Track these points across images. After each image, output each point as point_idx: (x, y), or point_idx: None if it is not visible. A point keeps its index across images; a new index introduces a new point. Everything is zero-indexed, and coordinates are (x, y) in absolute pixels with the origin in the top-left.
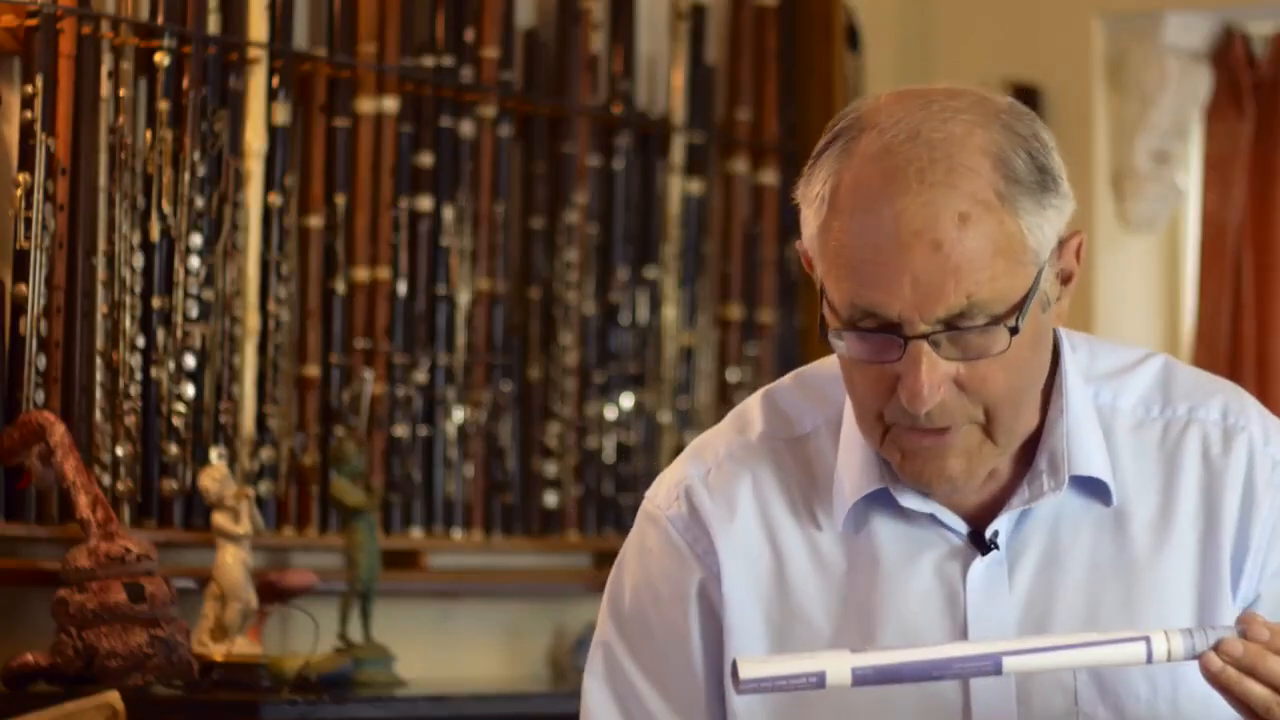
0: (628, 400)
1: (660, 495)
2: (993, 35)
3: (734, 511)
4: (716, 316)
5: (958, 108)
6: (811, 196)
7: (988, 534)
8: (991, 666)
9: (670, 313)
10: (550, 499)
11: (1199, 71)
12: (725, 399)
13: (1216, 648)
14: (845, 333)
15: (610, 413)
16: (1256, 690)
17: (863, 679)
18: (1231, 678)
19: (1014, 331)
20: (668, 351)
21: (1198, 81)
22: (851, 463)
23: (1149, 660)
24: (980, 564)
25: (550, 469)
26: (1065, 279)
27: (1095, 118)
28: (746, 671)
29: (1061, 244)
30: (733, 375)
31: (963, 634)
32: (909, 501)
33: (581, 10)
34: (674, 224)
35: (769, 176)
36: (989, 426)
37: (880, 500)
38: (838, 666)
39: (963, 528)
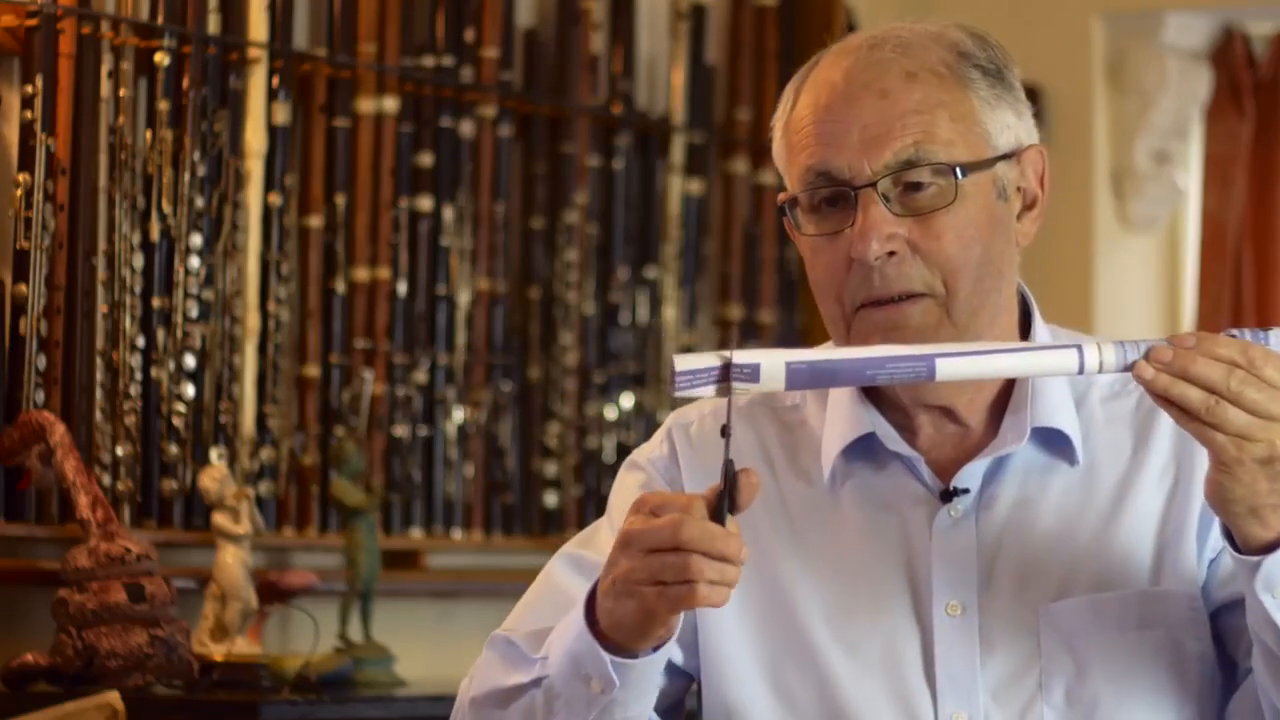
0: (628, 400)
1: (645, 446)
2: (992, 35)
3: (709, 460)
4: (716, 316)
5: (922, 25)
6: (778, 115)
7: (952, 484)
8: (926, 368)
9: (670, 313)
10: (550, 499)
11: (1199, 71)
12: None
13: (1147, 355)
14: (803, 212)
15: (610, 413)
16: (1192, 393)
17: (796, 374)
18: (1165, 383)
19: (963, 173)
20: (668, 352)
21: (1198, 81)
22: (840, 414)
23: (1081, 371)
24: (947, 512)
25: (550, 469)
26: (1029, 203)
27: (1095, 118)
28: (681, 364)
29: (1020, 151)
30: None
31: (927, 581)
32: (894, 444)
33: (581, 10)
34: (674, 224)
35: (769, 176)
36: (948, 301)
37: (860, 455)
38: (773, 361)
39: (936, 480)
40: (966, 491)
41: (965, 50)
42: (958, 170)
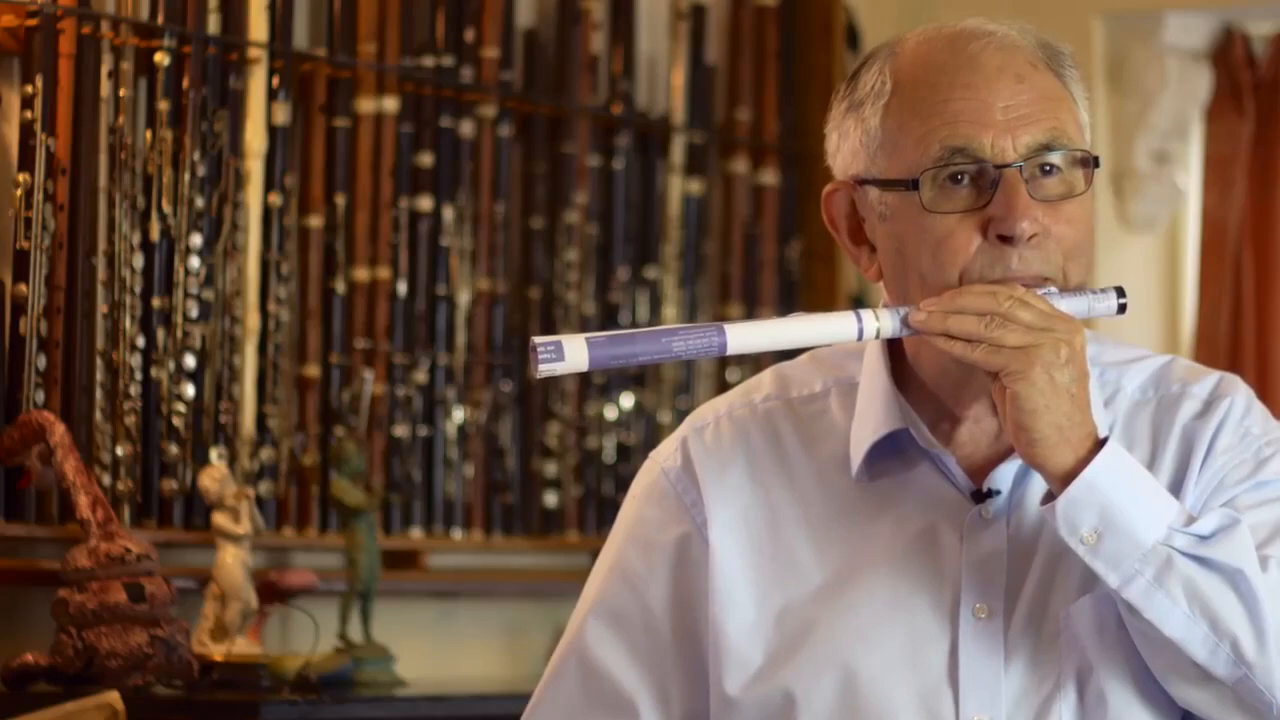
0: (628, 400)
1: (661, 450)
2: None
3: (727, 465)
4: (716, 316)
5: (1004, 20)
6: (862, 97)
7: (986, 485)
8: (718, 338)
9: (670, 313)
10: (550, 499)
11: (1199, 71)
12: None
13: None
14: (931, 188)
15: (610, 413)
16: (966, 320)
17: (598, 348)
18: (936, 318)
19: (1096, 164)
20: None
21: (1198, 81)
22: (872, 408)
23: (860, 336)
24: (979, 513)
25: (550, 469)
26: None
27: (1095, 118)
28: (537, 340)
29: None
30: (733, 375)
31: (955, 582)
32: (926, 442)
33: (581, 10)
34: (674, 224)
35: (769, 176)
36: (1064, 287)
37: (890, 451)
38: (574, 342)
39: (967, 480)
40: (999, 493)
41: (1054, 50)
42: (1093, 160)
